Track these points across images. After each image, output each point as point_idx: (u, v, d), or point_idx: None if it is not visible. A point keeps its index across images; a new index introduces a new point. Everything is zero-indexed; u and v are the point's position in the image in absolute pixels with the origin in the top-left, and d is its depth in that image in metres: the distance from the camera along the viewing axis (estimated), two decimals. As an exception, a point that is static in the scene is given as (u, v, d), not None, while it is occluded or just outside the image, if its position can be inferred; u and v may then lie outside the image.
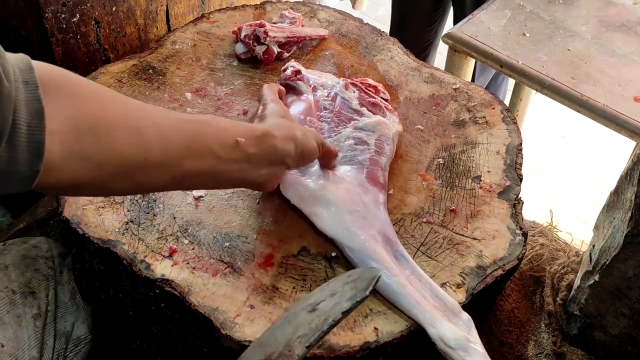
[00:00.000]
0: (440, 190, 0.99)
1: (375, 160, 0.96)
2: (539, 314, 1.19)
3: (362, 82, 1.08)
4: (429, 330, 0.79)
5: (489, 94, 1.15)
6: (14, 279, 0.93)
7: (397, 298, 0.82)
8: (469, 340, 0.79)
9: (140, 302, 0.91)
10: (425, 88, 1.17)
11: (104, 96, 0.64)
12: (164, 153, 0.66)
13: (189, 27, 1.26)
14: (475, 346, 0.78)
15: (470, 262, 0.89)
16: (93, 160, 0.60)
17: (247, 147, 0.74)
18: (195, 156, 0.69)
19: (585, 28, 1.67)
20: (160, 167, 0.66)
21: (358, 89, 1.05)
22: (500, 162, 1.03)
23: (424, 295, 0.83)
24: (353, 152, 0.97)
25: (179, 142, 0.67)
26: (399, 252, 0.87)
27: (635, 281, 0.98)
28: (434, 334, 0.79)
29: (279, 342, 0.70)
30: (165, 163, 0.66)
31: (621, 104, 1.45)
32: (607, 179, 2.41)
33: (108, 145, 0.61)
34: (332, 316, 0.69)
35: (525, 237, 0.93)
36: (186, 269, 0.86)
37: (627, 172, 0.96)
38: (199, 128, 0.70)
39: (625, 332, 1.05)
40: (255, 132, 0.76)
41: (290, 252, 0.89)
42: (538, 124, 2.69)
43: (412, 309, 0.81)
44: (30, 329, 0.90)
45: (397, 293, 0.82)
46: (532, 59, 1.55)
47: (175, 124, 0.68)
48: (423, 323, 0.80)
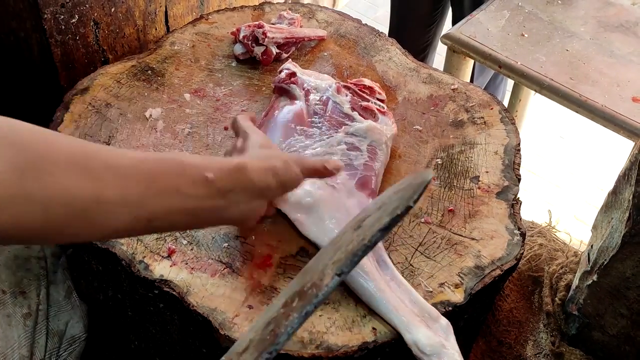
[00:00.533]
0: (439, 190, 0.99)
1: (369, 166, 0.96)
2: (537, 314, 1.20)
3: (357, 83, 1.07)
4: (405, 335, 0.79)
5: (487, 95, 1.15)
6: (5, 279, 0.93)
7: (376, 302, 0.81)
8: (444, 347, 0.78)
9: (139, 303, 0.91)
10: (424, 89, 1.17)
11: (48, 138, 0.59)
12: (121, 191, 0.61)
13: (187, 28, 1.26)
14: (450, 352, 0.78)
15: (468, 262, 0.89)
16: (37, 200, 0.55)
17: (219, 182, 0.69)
18: (160, 195, 0.64)
19: (584, 29, 1.67)
20: (120, 207, 0.61)
21: (351, 92, 1.05)
22: (498, 163, 1.03)
23: (402, 300, 0.82)
24: (348, 158, 0.97)
25: (138, 180, 0.63)
26: (381, 258, 0.86)
27: (634, 281, 0.98)
28: (409, 340, 0.78)
29: (318, 267, 0.68)
30: (124, 202, 0.61)
31: (620, 105, 1.45)
32: (606, 180, 2.41)
33: (53, 184, 0.56)
34: (370, 236, 0.65)
35: (523, 237, 0.93)
36: (185, 269, 0.86)
37: (625, 172, 0.97)
38: (161, 165, 0.66)
39: (624, 332, 1.05)
40: (227, 166, 0.71)
41: (288, 253, 0.89)
42: (537, 125, 2.69)
43: (389, 313, 0.81)
44: (20, 328, 0.90)
45: (375, 297, 0.81)
46: (531, 60, 1.55)
47: (132, 162, 0.63)
48: (399, 328, 0.80)
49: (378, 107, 1.04)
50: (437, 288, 0.86)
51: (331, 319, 0.82)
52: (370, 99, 1.05)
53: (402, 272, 0.87)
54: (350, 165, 0.96)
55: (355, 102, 1.04)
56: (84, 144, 0.62)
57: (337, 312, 0.82)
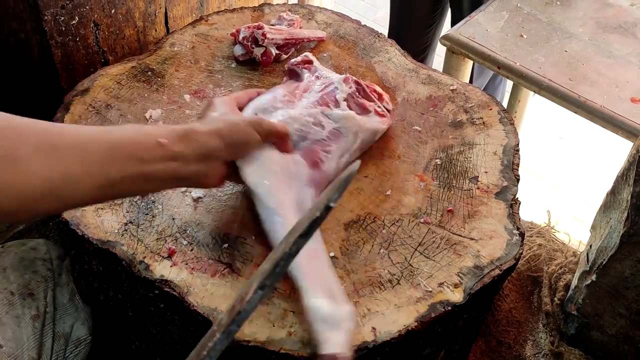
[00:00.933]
0: (438, 190, 0.99)
1: (323, 143, 0.95)
2: (536, 314, 1.20)
3: (368, 85, 1.07)
4: (306, 299, 0.78)
5: (486, 95, 1.16)
6: (13, 280, 0.94)
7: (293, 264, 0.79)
8: (339, 324, 0.76)
9: (140, 303, 0.91)
10: (423, 89, 1.17)
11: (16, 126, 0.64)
12: (85, 165, 0.67)
13: (187, 30, 1.26)
14: (343, 330, 0.76)
15: (467, 262, 0.89)
16: (13, 188, 0.61)
17: (171, 146, 0.74)
18: (119, 162, 0.70)
19: (583, 29, 1.67)
20: (85, 180, 0.67)
21: (358, 88, 1.04)
22: (497, 163, 1.04)
23: (318, 270, 0.82)
24: (307, 129, 0.96)
25: (100, 152, 0.68)
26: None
27: (632, 281, 0.99)
28: (309, 304, 0.77)
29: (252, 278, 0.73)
30: (88, 175, 0.67)
31: (618, 105, 1.46)
32: (605, 180, 2.41)
33: (25, 171, 0.62)
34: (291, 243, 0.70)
35: (522, 237, 0.93)
36: (185, 269, 0.86)
37: (623, 172, 0.97)
38: (119, 136, 0.71)
39: (623, 332, 1.06)
40: (177, 131, 0.77)
41: (288, 253, 0.89)
42: (536, 125, 2.70)
43: (299, 273, 0.80)
44: (29, 329, 0.90)
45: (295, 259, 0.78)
46: (530, 61, 1.56)
47: (94, 136, 0.69)
48: (303, 289, 0.78)
49: (377, 109, 1.05)
50: (436, 288, 0.86)
51: (331, 318, 0.82)
52: (374, 102, 1.05)
53: (402, 272, 0.88)
54: (307, 137, 0.96)
55: (354, 96, 1.03)
56: (47, 126, 0.67)
57: (336, 311, 0.83)
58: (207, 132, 0.79)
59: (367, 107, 1.03)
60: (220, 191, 0.97)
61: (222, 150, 0.81)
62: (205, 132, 0.79)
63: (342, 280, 0.86)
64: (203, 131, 0.79)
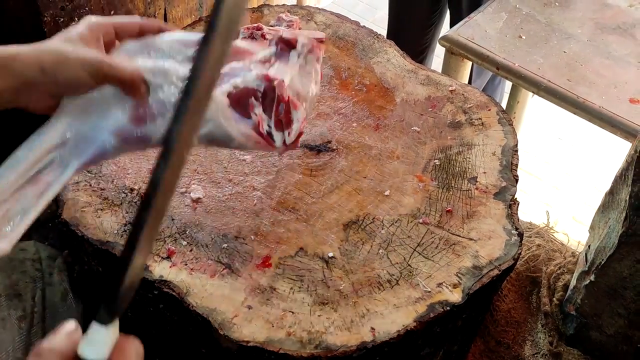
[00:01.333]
0: (437, 191, 1.00)
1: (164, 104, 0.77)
2: (535, 314, 1.20)
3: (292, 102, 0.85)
4: None
5: (485, 96, 1.16)
6: (0, 281, 0.94)
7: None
8: None
9: (139, 304, 0.91)
10: (422, 90, 1.17)
11: None
12: None
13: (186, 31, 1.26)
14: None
15: (466, 262, 0.90)
16: None
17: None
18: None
19: (581, 30, 1.67)
20: None
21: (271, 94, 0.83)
22: (496, 163, 1.04)
23: None
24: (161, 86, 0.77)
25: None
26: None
27: (631, 281, 0.99)
28: None
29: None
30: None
31: (617, 106, 1.46)
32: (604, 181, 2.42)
33: None
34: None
35: (520, 237, 0.93)
36: (184, 270, 0.87)
37: (621, 172, 0.97)
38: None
39: (621, 332, 1.06)
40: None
41: (287, 253, 0.90)
42: (535, 126, 2.70)
43: None
44: (15, 330, 0.90)
45: None
46: (528, 61, 1.56)
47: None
48: None
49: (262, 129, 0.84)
50: (435, 288, 0.86)
51: (330, 319, 0.82)
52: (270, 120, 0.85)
53: (401, 272, 0.88)
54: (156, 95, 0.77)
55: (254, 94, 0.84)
56: None
57: (335, 312, 0.83)
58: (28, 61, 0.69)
59: (250, 114, 0.83)
60: (220, 192, 0.97)
61: (41, 85, 0.71)
62: (26, 59, 0.69)
63: (341, 280, 0.87)
64: (25, 58, 0.69)
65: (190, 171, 1.00)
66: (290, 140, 0.86)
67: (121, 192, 0.96)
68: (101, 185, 0.97)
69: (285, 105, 0.83)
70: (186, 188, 0.97)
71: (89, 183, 0.97)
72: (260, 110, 0.83)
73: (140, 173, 0.99)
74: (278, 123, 0.84)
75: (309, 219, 0.94)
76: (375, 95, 1.16)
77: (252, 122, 0.82)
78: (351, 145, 1.06)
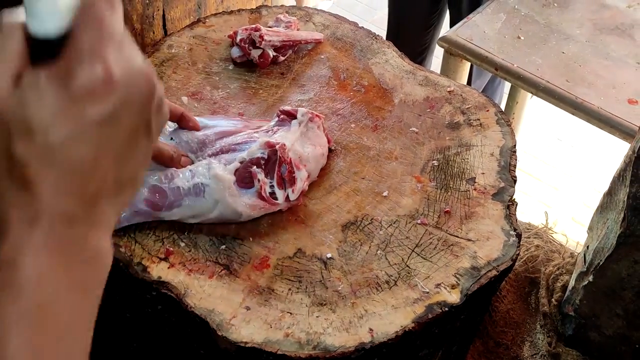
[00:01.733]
0: (435, 192, 1.00)
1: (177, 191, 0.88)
2: (534, 315, 1.20)
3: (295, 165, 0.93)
4: None
5: (484, 97, 1.16)
6: None
7: None
8: None
9: (137, 305, 0.91)
10: (420, 91, 1.17)
11: None
12: None
13: (185, 32, 1.26)
14: None
15: (464, 263, 0.90)
16: None
17: None
18: None
19: (580, 31, 1.68)
20: None
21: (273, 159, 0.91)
22: (494, 164, 1.04)
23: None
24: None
25: None
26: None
27: (629, 281, 0.99)
28: None
29: None
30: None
31: (615, 107, 1.46)
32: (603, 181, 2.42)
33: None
34: None
35: (519, 238, 0.93)
36: (182, 271, 0.86)
37: (619, 173, 0.97)
38: None
39: (620, 333, 1.06)
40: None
41: (285, 254, 0.90)
42: (534, 127, 2.70)
43: None
44: None
45: None
46: (527, 62, 1.56)
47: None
48: None
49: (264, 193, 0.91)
50: (433, 289, 0.86)
51: (328, 319, 0.82)
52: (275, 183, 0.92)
53: (399, 273, 0.88)
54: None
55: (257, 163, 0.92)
56: None
57: (334, 313, 0.83)
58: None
59: (253, 181, 0.91)
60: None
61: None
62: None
63: (339, 281, 0.86)
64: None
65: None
66: (294, 197, 0.92)
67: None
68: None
69: (289, 165, 0.91)
70: (184, 189, 0.97)
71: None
72: (262, 175, 0.90)
73: (138, 174, 0.99)
74: (280, 182, 0.91)
75: (307, 220, 0.94)
76: (374, 96, 1.16)
77: (255, 189, 0.90)
78: (349, 146, 1.06)
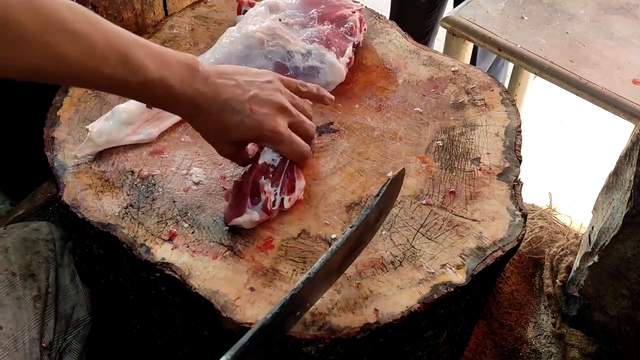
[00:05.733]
0: (440, 172, 0.99)
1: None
2: (538, 296, 1.20)
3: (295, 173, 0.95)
4: None
5: (488, 77, 1.15)
6: (14, 261, 0.93)
7: None
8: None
9: (141, 286, 0.91)
10: (424, 71, 1.16)
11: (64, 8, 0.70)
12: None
13: (186, 12, 1.25)
14: None
15: (470, 243, 0.89)
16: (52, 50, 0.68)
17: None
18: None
19: (584, 11, 1.66)
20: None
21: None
22: (499, 144, 1.03)
23: None
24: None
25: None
26: None
27: (634, 262, 0.98)
28: None
29: None
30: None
31: (620, 87, 1.45)
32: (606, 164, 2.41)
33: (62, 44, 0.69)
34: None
35: (524, 218, 0.93)
36: (186, 252, 0.86)
37: (626, 152, 0.96)
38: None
39: (624, 313, 1.06)
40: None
41: (290, 235, 0.89)
42: (536, 109, 2.69)
43: None
44: (30, 310, 0.90)
45: None
46: (531, 43, 1.55)
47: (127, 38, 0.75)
48: None
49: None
50: (438, 269, 0.86)
51: (333, 300, 0.82)
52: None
53: (404, 253, 0.87)
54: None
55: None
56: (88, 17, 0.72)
57: (339, 293, 0.82)
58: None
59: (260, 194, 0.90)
60: (221, 174, 0.96)
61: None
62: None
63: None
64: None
65: (191, 153, 0.99)
66: (288, 205, 0.92)
67: (122, 174, 0.95)
68: (102, 167, 0.96)
69: (290, 174, 0.92)
70: (187, 170, 0.96)
71: (90, 166, 0.96)
72: (269, 185, 0.89)
73: (141, 156, 0.98)
74: (283, 189, 0.91)
75: (311, 200, 0.94)
76: (377, 76, 1.15)
77: (262, 202, 0.88)
78: (353, 127, 1.05)
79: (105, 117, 0.99)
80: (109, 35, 0.73)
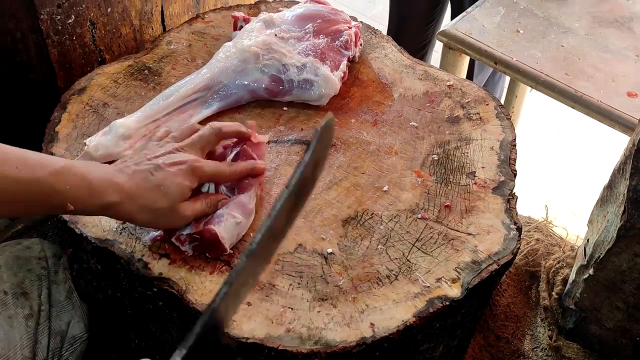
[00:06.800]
0: (435, 186, 1.00)
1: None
2: (534, 309, 1.20)
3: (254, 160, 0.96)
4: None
5: (483, 91, 1.16)
6: (6, 279, 0.94)
7: None
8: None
9: (138, 301, 0.91)
10: (420, 85, 1.17)
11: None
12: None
13: (184, 28, 1.26)
14: None
15: (465, 257, 0.90)
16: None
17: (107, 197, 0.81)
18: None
19: (579, 24, 1.67)
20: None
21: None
22: (494, 158, 1.04)
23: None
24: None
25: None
26: None
27: (629, 274, 0.99)
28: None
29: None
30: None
31: (615, 99, 1.46)
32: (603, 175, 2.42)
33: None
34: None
35: (519, 231, 0.93)
36: (183, 267, 0.86)
37: (619, 166, 0.97)
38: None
39: (620, 326, 1.06)
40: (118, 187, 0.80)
41: (286, 250, 0.90)
42: (534, 121, 2.70)
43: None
44: (22, 329, 0.90)
45: None
46: (526, 56, 1.56)
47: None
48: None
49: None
50: (434, 283, 0.86)
51: (329, 315, 0.82)
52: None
53: (400, 267, 0.88)
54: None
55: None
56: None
57: (335, 308, 0.83)
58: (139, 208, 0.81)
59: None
60: (218, 189, 0.97)
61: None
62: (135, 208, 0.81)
63: (340, 276, 0.87)
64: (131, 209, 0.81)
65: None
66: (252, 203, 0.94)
67: (119, 189, 0.96)
68: (99, 183, 0.97)
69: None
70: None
71: (87, 181, 0.97)
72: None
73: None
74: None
75: (307, 215, 0.94)
76: (373, 91, 1.16)
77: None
78: (349, 141, 1.06)
79: (103, 132, 0.99)
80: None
